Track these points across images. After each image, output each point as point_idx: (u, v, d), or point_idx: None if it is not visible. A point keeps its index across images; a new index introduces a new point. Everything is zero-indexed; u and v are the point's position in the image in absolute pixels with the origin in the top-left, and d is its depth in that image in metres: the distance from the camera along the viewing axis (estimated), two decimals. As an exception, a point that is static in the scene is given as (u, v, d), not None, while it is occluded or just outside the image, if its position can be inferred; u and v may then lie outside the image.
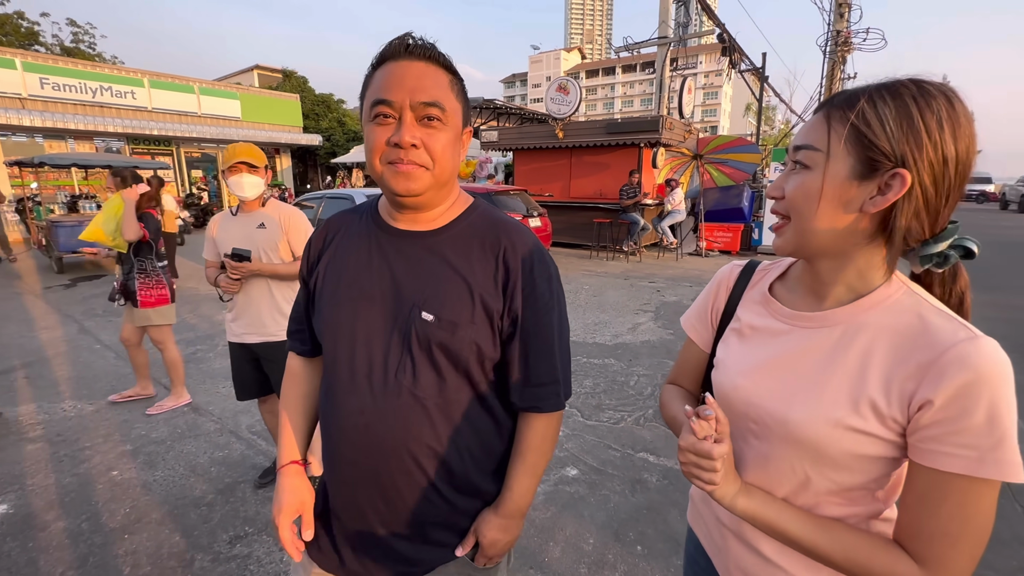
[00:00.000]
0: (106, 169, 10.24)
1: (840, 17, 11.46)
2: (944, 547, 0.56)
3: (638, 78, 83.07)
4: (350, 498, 0.87)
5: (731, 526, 0.77)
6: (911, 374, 0.58)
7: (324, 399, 0.89)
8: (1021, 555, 2.00)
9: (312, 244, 0.94)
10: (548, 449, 0.91)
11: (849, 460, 0.62)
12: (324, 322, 0.87)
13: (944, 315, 0.60)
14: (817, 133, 0.62)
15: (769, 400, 0.68)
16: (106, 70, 14.09)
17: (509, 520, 0.89)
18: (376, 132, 0.76)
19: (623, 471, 2.60)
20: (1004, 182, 25.70)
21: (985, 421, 0.53)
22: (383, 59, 0.77)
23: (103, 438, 2.89)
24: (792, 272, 0.77)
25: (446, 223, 0.86)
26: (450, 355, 0.81)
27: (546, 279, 0.85)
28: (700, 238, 9.88)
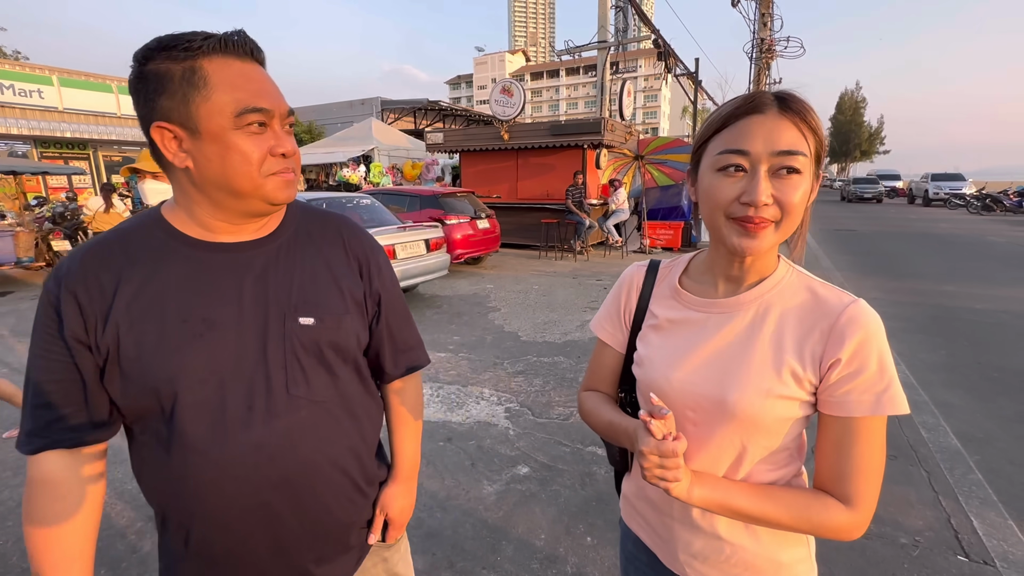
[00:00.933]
0: (10, 175, 9.32)
1: (764, 26, 12.23)
2: (860, 482, 0.66)
3: (582, 80, 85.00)
4: (255, 554, 0.77)
5: (676, 515, 0.80)
6: (817, 340, 0.68)
7: (172, 465, 0.72)
8: (926, 515, 2.22)
9: (80, 297, 0.68)
10: (422, 406, 1.02)
11: (778, 425, 0.70)
12: (160, 378, 0.69)
13: (826, 286, 0.72)
14: (797, 138, 0.65)
15: (704, 386, 0.72)
16: (7, 66, 12.81)
17: (409, 484, 0.97)
18: (256, 142, 0.69)
19: (573, 466, 2.65)
20: (910, 179, 28.43)
21: (878, 370, 0.65)
22: (213, 51, 0.66)
23: (12, 472, 2.63)
24: (695, 265, 0.83)
25: (276, 227, 0.81)
26: (340, 351, 0.81)
27: (384, 257, 0.93)
28: (644, 236, 10.23)
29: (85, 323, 0.69)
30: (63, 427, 0.70)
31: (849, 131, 58.62)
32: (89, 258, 0.71)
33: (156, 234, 0.74)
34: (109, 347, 0.69)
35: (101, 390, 0.71)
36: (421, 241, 5.81)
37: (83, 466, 0.73)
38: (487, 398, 3.48)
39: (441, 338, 4.77)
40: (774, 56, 12.58)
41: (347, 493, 0.84)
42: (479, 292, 6.69)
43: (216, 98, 0.66)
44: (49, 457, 0.70)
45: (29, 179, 11.09)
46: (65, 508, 0.71)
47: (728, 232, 0.69)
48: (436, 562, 1.98)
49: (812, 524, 0.67)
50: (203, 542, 0.75)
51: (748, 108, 0.66)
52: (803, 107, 0.65)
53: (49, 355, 0.70)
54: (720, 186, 0.68)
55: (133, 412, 0.73)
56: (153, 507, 0.78)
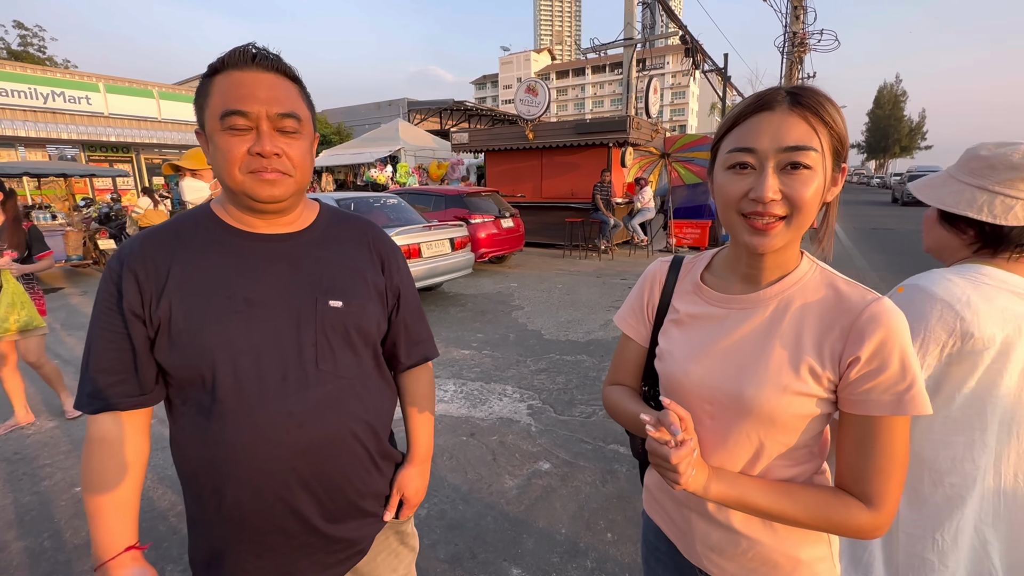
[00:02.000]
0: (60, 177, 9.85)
1: (796, 19, 11.90)
2: (882, 481, 0.65)
3: (608, 79, 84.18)
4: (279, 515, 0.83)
5: (694, 506, 0.81)
6: (837, 337, 0.67)
7: (211, 430, 0.79)
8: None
9: (139, 274, 0.79)
10: (434, 394, 1.11)
11: (796, 421, 0.70)
12: (206, 347, 0.78)
13: (849, 283, 0.71)
14: (807, 134, 0.64)
15: (722, 380, 0.73)
16: (58, 74, 13.53)
17: (424, 466, 1.06)
18: (233, 143, 0.76)
19: (594, 463, 2.66)
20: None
21: (900, 369, 0.64)
22: (223, 67, 0.76)
23: (64, 454, 2.81)
24: (718, 262, 0.84)
25: (309, 223, 0.91)
26: (363, 333, 0.90)
27: (403, 258, 1.04)
28: (670, 235, 10.09)
29: (142, 297, 0.78)
30: (117, 392, 0.80)
31: (888, 126, 56.33)
32: (148, 242, 0.82)
33: (205, 224, 0.85)
34: (161, 319, 0.78)
35: (150, 360, 0.81)
36: (446, 240, 5.89)
37: (132, 428, 0.83)
38: (510, 395, 3.52)
39: (465, 336, 4.83)
40: (807, 50, 12.22)
41: (364, 464, 0.92)
42: (503, 291, 6.74)
43: (210, 104, 0.77)
44: (105, 418, 0.81)
45: (77, 181, 11.70)
46: (118, 464, 0.81)
47: (740, 229, 0.70)
48: (458, 552, 2.03)
49: (831, 523, 0.67)
50: (234, 505, 0.82)
51: (758, 105, 0.67)
52: (816, 101, 0.65)
53: (108, 326, 0.79)
54: (729, 183, 0.69)
55: (178, 380, 0.81)
56: (187, 477, 0.85)
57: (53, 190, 12.14)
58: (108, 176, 11.22)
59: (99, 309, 0.80)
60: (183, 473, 0.85)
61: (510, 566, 1.96)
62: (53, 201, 11.68)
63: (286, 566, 0.87)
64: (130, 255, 0.80)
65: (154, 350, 0.80)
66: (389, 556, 1.04)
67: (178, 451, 0.84)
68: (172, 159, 4.73)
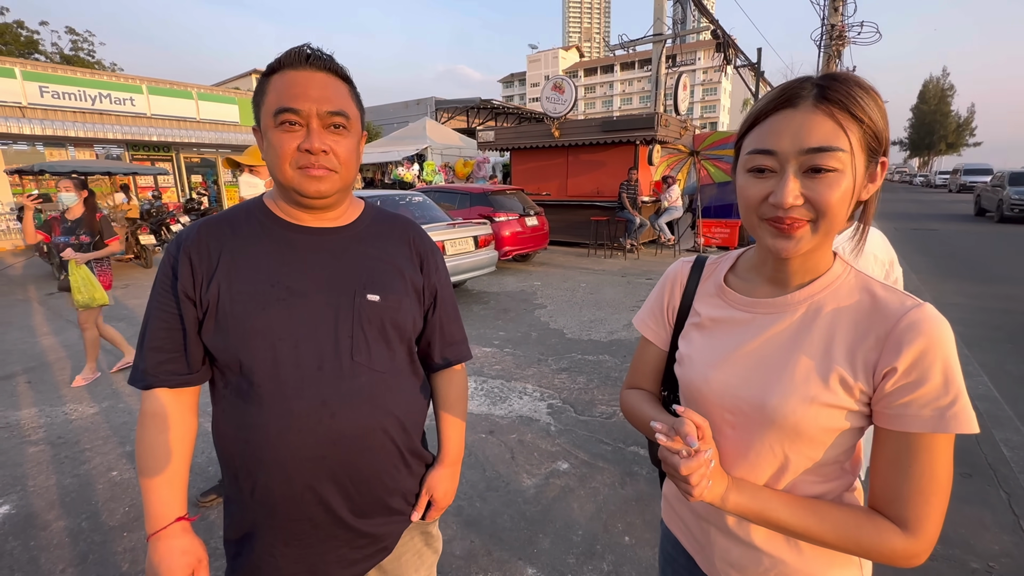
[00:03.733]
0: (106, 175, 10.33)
1: (835, 11, 11.46)
2: (919, 504, 0.60)
3: (637, 75, 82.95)
4: (308, 504, 0.85)
5: (713, 520, 0.77)
6: (872, 346, 0.62)
7: (248, 414, 0.82)
8: (1003, 540, 2.03)
9: (193, 258, 0.83)
10: (467, 398, 1.10)
11: (824, 435, 0.65)
12: (248, 331, 0.81)
13: (887, 288, 0.66)
14: (832, 133, 0.59)
15: (744, 388, 0.69)
16: (105, 77, 14.16)
17: (454, 468, 1.06)
18: (284, 138, 0.79)
19: (614, 464, 2.63)
20: (1004, 173, 25.57)
21: (942, 383, 0.58)
22: (280, 67, 0.80)
23: (103, 440, 2.94)
24: (743, 263, 0.79)
25: (353, 219, 0.94)
26: (398, 328, 0.91)
27: (442, 259, 1.04)
28: (698, 234, 9.88)
29: (194, 280, 0.83)
30: (167, 370, 0.84)
31: (933, 122, 53.68)
32: (204, 228, 0.87)
33: (256, 215, 0.89)
34: (210, 302, 0.82)
35: (198, 341, 0.85)
36: (470, 238, 5.92)
37: (182, 404, 0.88)
38: (530, 393, 3.51)
39: (487, 333, 4.84)
40: (846, 43, 11.75)
41: (392, 460, 0.92)
42: (526, 289, 6.72)
43: (266, 102, 0.81)
44: (158, 394, 0.85)
45: (121, 179, 12.24)
46: (168, 438, 0.85)
47: (762, 233, 0.66)
48: (475, 549, 2.04)
49: (861, 546, 0.62)
50: (266, 490, 0.84)
51: (780, 102, 0.62)
52: (846, 94, 0.59)
53: (163, 307, 0.84)
54: (749, 186, 0.65)
55: (222, 363, 0.85)
56: (225, 458, 0.88)
57: (99, 187, 12.74)
58: (149, 174, 11.70)
59: (156, 290, 0.85)
60: (222, 454, 0.88)
61: (525, 565, 1.95)
62: (99, 198, 12.26)
63: (312, 557, 0.88)
64: (187, 239, 0.85)
65: (201, 332, 0.84)
66: (413, 556, 1.04)
67: (218, 432, 0.87)
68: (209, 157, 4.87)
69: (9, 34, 22.05)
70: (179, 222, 10.23)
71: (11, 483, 2.51)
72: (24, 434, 3.01)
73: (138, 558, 2.00)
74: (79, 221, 3.65)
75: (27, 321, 5.51)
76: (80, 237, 3.63)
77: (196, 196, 14.54)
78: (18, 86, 12.21)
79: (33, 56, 22.00)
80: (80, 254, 3.57)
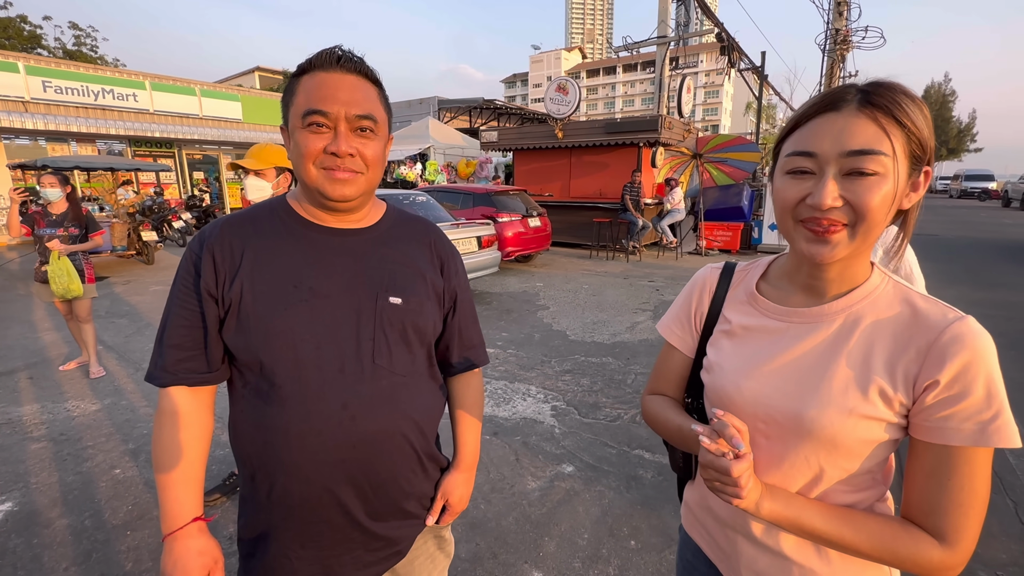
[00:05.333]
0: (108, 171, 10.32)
1: (839, 15, 11.46)
2: (958, 518, 0.60)
3: (639, 77, 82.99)
4: (325, 506, 0.84)
5: (740, 528, 0.76)
6: (913, 358, 0.62)
7: (269, 414, 0.81)
8: (1011, 548, 2.03)
9: (216, 256, 0.82)
10: (483, 402, 1.10)
11: (861, 447, 0.64)
12: (270, 331, 0.80)
13: (928, 299, 0.65)
14: (875, 137, 0.59)
15: (779, 398, 0.68)
16: (108, 73, 14.15)
17: (470, 473, 1.05)
18: (310, 139, 0.79)
19: (619, 468, 2.62)
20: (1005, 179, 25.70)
21: (985, 396, 0.58)
22: (311, 68, 0.80)
23: (105, 437, 2.93)
24: (775, 270, 0.78)
25: (375, 221, 0.94)
26: (419, 332, 0.91)
27: (462, 262, 1.04)
28: (700, 237, 9.89)
29: (217, 278, 0.82)
30: (186, 367, 0.84)
31: (935, 127, 53.23)
32: (227, 226, 0.86)
33: (279, 214, 0.89)
34: (232, 300, 0.81)
35: (219, 339, 0.84)
36: (473, 238, 5.91)
37: (200, 403, 0.87)
38: (534, 395, 3.50)
39: (490, 334, 4.83)
40: (850, 47, 11.75)
41: (410, 464, 0.92)
42: (528, 290, 6.72)
43: (295, 103, 0.80)
44: (176, 392, 0.84)
45: (124, 175, 12.22)
46: (185, 437, 0.84)
47: (797, 236, 0.65)
48: (479, 552, 2.03)
49: (897, 557, 0.61)
50: (284, 492, 0.83)
51: (823, 105, 0.62)
52: (891, 100, 0.59)
53: (184, 304, 0.83)
54: (787, 187, 0.64)
55: (242, 362, 0.84)
56: (242, 459, 0.87)
57: (101, 183, 12.73)
58: (152, 170, 11.72)
59: (177, 287, 0.84)
60: (239, 454, 0.87)
61: (531, 569, 1.94)
62: (101, 194, 12.25)
63: (327, 559, 0.88)
64: (210, 237, 0.84)
65: (222, 330, 0.83)
66: (426, 560, 1.04)
67: (236, 432, 0.87)
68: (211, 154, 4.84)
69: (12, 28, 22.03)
70: (181, 219, 10.23)
71: (13, 480, 2.50)
72: (26, 431, 3.00)
73: (141, 557, 1.99)
74: (65, 215, 3.72)
75: (28, 316, 5.49)
76: (69, 229, 3.69)
77: (198, 193, 14.54)
78: (21, 81, 12.19)
79: (36, 51, 21.98)
80: (65, 246, 3.62)
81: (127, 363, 4.11)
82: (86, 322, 3.86)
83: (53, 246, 3.57)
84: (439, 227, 1.03)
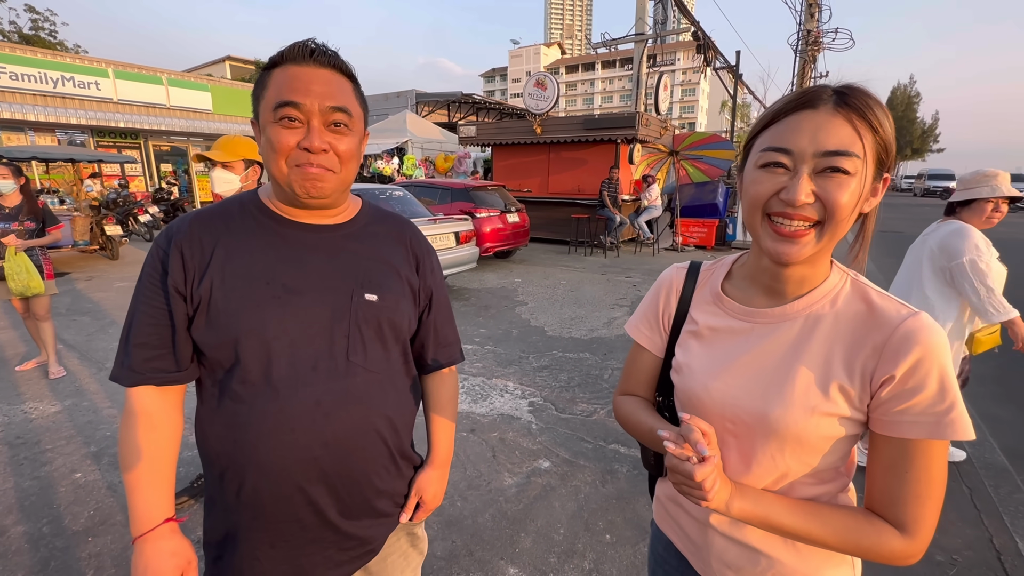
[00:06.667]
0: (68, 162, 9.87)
1: (811, 17, 11.73)
2: (916, 507, 0.62)
3: (617, 74, 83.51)
4: (296, 505, 0.83)
5: (712, 522, 0.78)
6: (869, 354, 0.63)
7: (239, 413, 0.79)
8: (965, 533, 2.12)
9: (185, 252, 0.79)
10: (457, 400, 1.10)
11: (824, 443, 0.66)
12: (241, 328, 0.78)
13: (884, 296, 0.67)
14: (850, 138, 0.60)
15: (745, 399, 0.70)
16: (68, 59, 13.52)
17: (443, 470, 1.05)
18: (282, 134, 0.77)
19: (595, 462, 2.65)
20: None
21: (938, 391, 0.60)
22: (283, 61, 0.78)
23: (66, 440, 2.81)
24: (738, 270, 0.79)
25: (351, 217, 0.92)
26: (395, 329, 0.90)
27: (438, 260, 1.03)
28: (676, 233, 10.03)
29: (185, 275, 0.80)
30: (154, 367, 0.81)
31: (901, 128, 55.59)
32: (196, 222, 0.83)
33: (250, 210, 0.86)
34: (202, 298, 0.79)
35: (187, 338, 0.82)
36: (451, 234, 5.87)
37: (169, 403, 0.84)
38: (511, 391, 3.51)
39: (468, 330, 4.82)
40: (821, 48, 12.05)
41: (383, 461, 0.91)
42: (507, 286, 6.71)
43: (266, 96, 0.78)
44: (143, 391, 0.82)
45: (85, 167, 11.72)
46: (155, 437, 0.82)
47: (764, 235, 0.66)
48: (455, 549, 2.02)
49: (861, 548, 0.63)
50: (254, 491, 0.81)
51: (800, 103, 0.63)
52: (864, 103, 0.60)
53: (150, 301, 0.80)
54: (760, 181, 0.65)
55: (211, 361, 0.82)
56: (210, 458, 0.84)
57: (61, 175, 12.19)
58: (116, 162, 11.26)
59: (143, 284, 0.81)
60: (206, 453, 0.85)
61: (507, 565, 1.95)
62: (60, 185, 11.73)
63: (298, 559, 0.86)
64: (178, 233, 0.81)
65: (191, 328, 0.81)
66: (399, 558, 1.03)
67: (203, 432, 0.84)
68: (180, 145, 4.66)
69: (-38, 10, 20.85)
70: (147, 212, 9.86)
71: (-35, 486, 2.38)
72: (-21, 434, 2.86)
73: (103, 564, 1.92)
74: (20, 207, 3.53)
75: (-18, 314, 5.23)
76: (25, 223, 3.50)
77: (166, 186, 14.06)
78: (-28, 66, 11.57)
79: (-11, 34, 20.86)
80: (21, 241, 3.45)
81: (89, 363, 3.95)
82: (45, 320, 3.68)
83: (8, 241, 3.39)
84: (415, 224, 1.03)
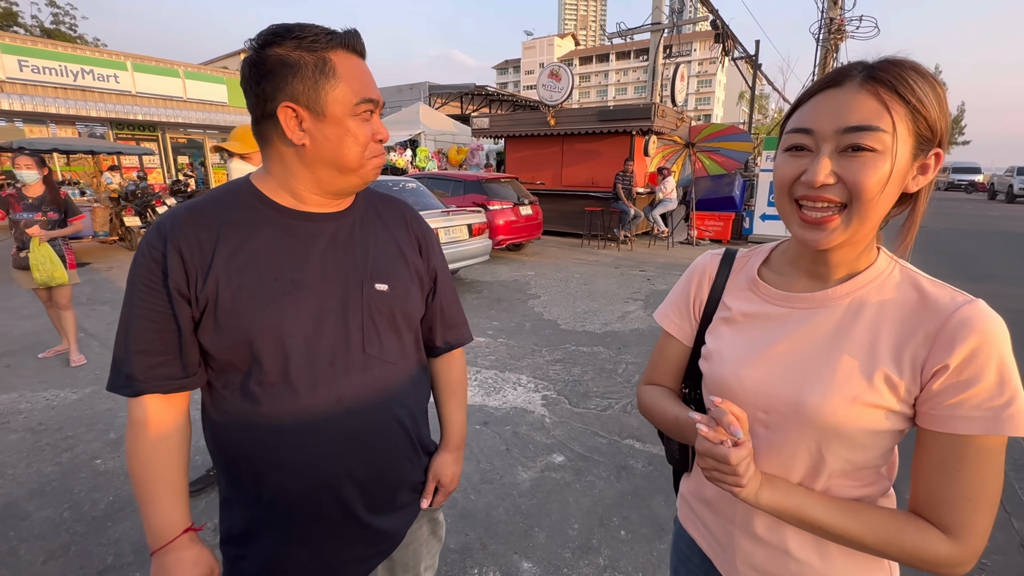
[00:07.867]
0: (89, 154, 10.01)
1: (834, 4, 11.40)
2: (967, 511, 0.57)
3: (632, 65, 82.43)
4: (323, 502, 0.82)
5: (738, 522, 0.74)
6: (920, 343, 0.59)
7: (258, 414, 0.78)
8: (995, 537, 2.04)
9: (184, 252, 0.74)
10: (467, 380, 1.08)
11: (865, 437, 0.62)
12: (254, 328, 0.75)
13: (937, 283, 0.63)
14: (874, 112, 0.56)
15: (780, 386, 0.66)
16: (88, 53, 13.72)
17: (458, 452, 1.05)
18: (365, 128, 0.78)
19: (609, 458, 2.61)
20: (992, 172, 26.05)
21: (997, 382, 0.55)
22: (345, 47, 0.77)
23: (86, 427, 2.86)
24: (777, 256, 0.76)
25: (351, 203, 0.89)
26: (407, 318, 0.89)
27: (437, 240, 1.01)
28: (691, 227, 9.89)
29: (187, 276, 0.74)
30: (158, 374, 0.76)
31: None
32: (190, 217, 0.77)
33: (248, 200, 0.80)
34: (208, 299, 0.74)
35: (194, 341, 0.78)
36: (464, 226, 5.84)
37: (176, 410, 0.80)
38: (524, 384, 3.48)
39: (480, 323, 4.80)
40: (844, 37, 11.71)
41: (406, 451, 0.91)
42: (520, 279, 6.68)
43: (342, 87, 0.75)
44: (149, 400, 0.77)
45: (105, 159, 11.91)
46: (167, 446, 0.79)
47: (792, 221, 0.63)
48: (469, 543, 2.01)
49: (904, 551, 0.58)
50: (279, 491, 0.80)
51: (826, 82, 0.60)
52: (896, 75, 0.55)
53: (149, 305, 0.75)
54: (784, 165, 0.62)
55: (222, 363, 0.78)
56: (227, 462, 0.82)
57: (82, 167, 12.40)
58: (134, 154, 11.42)
59: (137, 287, 0.75)
60: (221, 458, 0.83)
61: (521, 559, 1.93)
62: (81, 177, 11.94)
63: (325, 555, 0.85)
64: (173, 230, 0.74)
65: (198, 331, 0.77)
66: (421, 546, 1.04)
67: (217, 436, 0.82)
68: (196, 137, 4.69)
69: (-14, 5, 21.27)
70: (165, 204, 9.99)
71: (-11, 471, 2.43)
72: (3, 420, 2.92)
73: (123, 550, 1.94)
74: (42, 198, 3.57)
75: (6, 303, 5.35)
76: (48, 214, 3.55)
77: (183, 178, 14.23)
78: (-4, 59, 11.78)
79: (12, 29, 21.24)
80: (45, 232, 3.50)
81: (109, 351, 4.00)
82: (66, 309, 3.75)
83: (33, 232, 3.44)
84: (411, 206, 1.01)
